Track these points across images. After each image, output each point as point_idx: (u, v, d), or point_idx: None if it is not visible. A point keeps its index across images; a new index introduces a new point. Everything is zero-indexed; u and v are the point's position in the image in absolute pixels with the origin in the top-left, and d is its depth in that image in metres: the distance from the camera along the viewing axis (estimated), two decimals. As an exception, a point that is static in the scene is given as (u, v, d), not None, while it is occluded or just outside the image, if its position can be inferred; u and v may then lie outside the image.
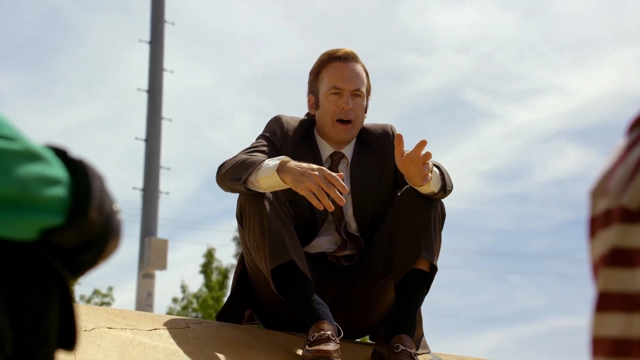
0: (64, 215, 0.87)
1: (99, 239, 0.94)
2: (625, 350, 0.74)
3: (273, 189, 2.54)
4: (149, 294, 11.29)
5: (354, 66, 2.84)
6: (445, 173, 2.64)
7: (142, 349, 2.38)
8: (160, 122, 11.79)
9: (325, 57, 2.87)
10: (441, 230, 2.71)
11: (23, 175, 0.82)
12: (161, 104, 11.84)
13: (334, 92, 2.81)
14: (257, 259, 2.64)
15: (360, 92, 2.83)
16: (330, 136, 2.86)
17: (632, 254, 0.73)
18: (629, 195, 0.75)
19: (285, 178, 2.45)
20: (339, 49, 2.87)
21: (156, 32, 12.00)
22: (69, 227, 0.88)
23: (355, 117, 2.82)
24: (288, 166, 2.47)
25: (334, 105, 2.81)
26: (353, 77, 2.82)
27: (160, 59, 11.94)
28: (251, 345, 2.58)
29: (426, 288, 2.68)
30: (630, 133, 0.80)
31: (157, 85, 11.86)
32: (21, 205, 0.83)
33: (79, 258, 0.94)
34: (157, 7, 12.06)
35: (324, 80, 2.84)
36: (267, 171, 2.50)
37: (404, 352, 2.53)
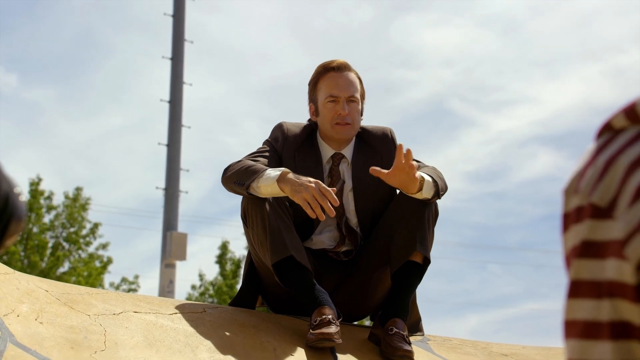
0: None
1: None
2: (595, 332, 0.73)
3: (272, 195, 2.55)
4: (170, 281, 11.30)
5: (347, 75, 2.83)
6: (438, 180, 2.62)
7: (164, 331, 2.38)
8: (180, 129, 11.81)
9: (321, 69, 2.86)
10: (434, 226, 2.71)
11: None
12: (181, 113, 11.86)
13: (331, 100, 2.81)
14: (261, 254, 2.64)
15: (355, 97, 2.82)
16: (332, 137, 2.85)
17: (600, 246, 0.73)
18: (598, 194, 0.74)
19: (284, 188, 2.46)
20: (333, 60, 2.86)
21: (177, 49, 12.03)
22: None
23: (352, 120, 2.82)
24: (287, 177, 2.47)
25: (331, 112, 2.80)
26: (347, 85, 2.81)
27: (181, 73, 11.96)
28: (260, 327, 2.58)
29: (419, 278, 2.68)
30: (598, 138, 0.79)
31: (177, 97, 11.88)
32: None
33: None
34: (177, 27, 12.08)
35: (321, 89, 2.84)
36: (268, 180, 2.50)
37: (397, 334, 2.53)
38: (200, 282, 17.03)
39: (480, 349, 2.92)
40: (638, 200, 0.71)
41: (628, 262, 0.71)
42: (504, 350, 2.96)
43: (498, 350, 2.95)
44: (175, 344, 2.33)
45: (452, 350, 2.84)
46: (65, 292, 2.48)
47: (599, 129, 0.79)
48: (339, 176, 2.84)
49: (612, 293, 0.72)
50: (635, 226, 0.71)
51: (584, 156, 0.79)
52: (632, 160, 0.73)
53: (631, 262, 0.71)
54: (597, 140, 0.79)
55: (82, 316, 2.32)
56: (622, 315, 0.72)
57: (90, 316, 2.33)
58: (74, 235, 15.47)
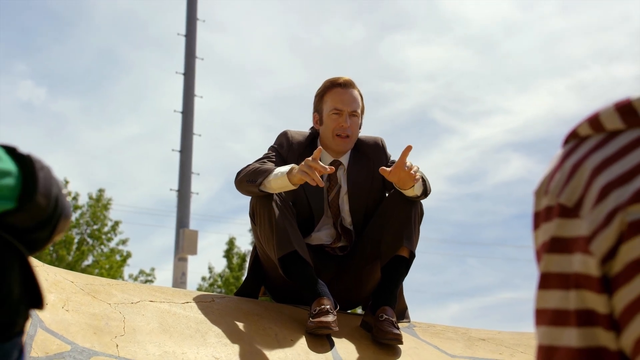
0: (15, 201, 0.86)
1: (50, 219, 0.92)
2: (563, 319, 0.73)
3: (281, 189, 2.54)
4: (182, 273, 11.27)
5: (352, 92, 2.83)
6: (426, 181, 2.64)
7: (177, 318, 2.38)
8: (191, 137, 11.79)
9: (329, 84, 2.86)
10: (419, 224, 2.71)
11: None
12: (192, 122, 11.84)
13: (335, 112, 2.80)
14: (267, 249, 2.64)
15: (357, 113, 2.82)
16: (331, 147, 2.85)
17: (568, 242, 0.73)
18: (565, 195, 0.74)
19: (292, 178, 2.46)
20: (340, 77, 2.85)
21: (189, 65, 12.01)
22: (20, 211, 0.86)
23: (352, 132, 2.82)
24: (294, 171, 2.47)
25: (334, 122, 2.80)
26: (351, 101, 2.81)
27: (192, 87, 11.95)
28: (263, 315, 2.58)
29: (406, 271, 2.68)
30: (565, 145, 0.79)
31: (189, 108, 11.86)
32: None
33: (34, 236, 0.92)
34: (189, 46, 12.07)
35: (327, 102, 2.83)
36: (277, 175, 2.51)
37: (386, 320, 2.53)
38: (209, 274, 16.98)
39: (460, 334, 2.92)
40: (601, 202, 0.71)
41: (593, 257, 0.71)
42: (482, 335, 2.96)
43: (477, 335, 2.95)
44: (187, 329, 2.33)
45: (436, 335, 2.84)
46: (88, 283, 2.47)
47: (566, 136, 0.79)
48: (336, 181, 2.84)
49: (578, 284, 0.72)
50: (599, 225, 0.71)
51: (552, 161, 0.79)
52: (596, 165, 0.73)
53: (596, 257, 0.71)
54: (564, 147, 0.79)
55: (103, 305, 2.31)
56: (587, 304, 0.72)
57: (111, 305, 2.33)
58: (97, 232, 15.47)
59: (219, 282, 16.69)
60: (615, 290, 0.70)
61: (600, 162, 0.73)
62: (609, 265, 0.70)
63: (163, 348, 2.17)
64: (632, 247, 0.68)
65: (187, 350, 2.20)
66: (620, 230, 0.69)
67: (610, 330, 0.71)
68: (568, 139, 0.79)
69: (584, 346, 0.71)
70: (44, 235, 0.93)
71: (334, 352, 2.43)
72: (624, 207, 0.69)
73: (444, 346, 2.73)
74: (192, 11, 12.16)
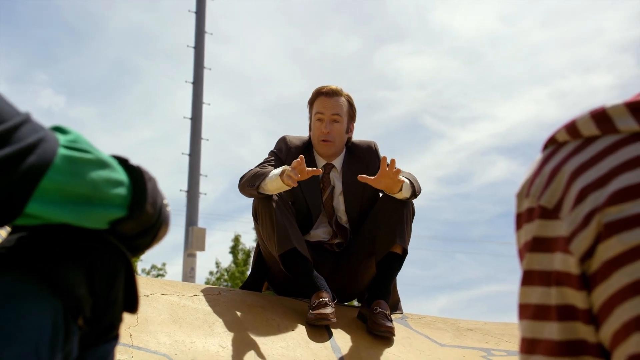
0: (126, 209, 0.85)
1: (153, 227, 0.91)
2: (544, 314, 0.73)
3: (277, 190, 2.54)
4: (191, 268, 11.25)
5: (335, 99, 2.82)
6: (414, 183, 2.63)
7: (186, 310, 2.37)
8: (200, 142, 11.78)
9: (315, 93, 2.87)
10: (411, 223, 2.71)
11: (94, 178, 0.80)
12: (201, 128, 11.83)
13: (318, 119, 2.81)
14: (269, 246, 2.63)
15: (338, 117, 2.80)
16: (318, 151, 2.86)
17: (549, 241, 0.73)
18: (545, 198, 0.74)
19: (284, 179, 2.45)
20: (326, 85, 2.86)
21: (197, 75, 12.00)
22: (130, 218, 0.86)
23: (334, 137, 2.81)
24: (285, 173, 2.46)
25: (318, 129, 2.81)
26: (332, 106, 2.80)
27: (200, 95, 11.93)
28: (267, 307, 2.57)
29: (399, 266, 2.68)
30: (544, 150, 0.79)
31: (197, 114, 11.85)
32: (93, 201, 0.81)
33: (138, 241, 0.92)
34: (198, 57, 12.06)
35: (313, 110, 2.85)
36: (272, 177, 2.51)
37: (380, 312, 2.52)
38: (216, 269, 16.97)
39: (449, 324, 2.91)
40: (579, 204, 0.71)
41: (572, 256, 0.70)
42: (469, 325, 2.95)
43: (464, 325, 2.94)
44: (195, 320, 2.32)
45: (427, 326, 2.83)
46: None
47: (545, 142, 0.79)
48: (329, 182, 2.84)
49: (559, 281, 0.72)
50: (577, 226, 0.70)
51: (532, 165, 0.79)
52: (574, 170, 0.73)
53: (575, 256, 0.70)
54: (543, 152, 0.79)
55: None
56: (567, 300, 0.71)
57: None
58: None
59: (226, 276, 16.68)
60: (593, 287, 0.70)
61: (577, 166, 0.73)
62: (587, 263, 0.70)
63: (173, 337, 2.17)
64: (609, 247, 0.68)
65: (195, 340, 2.20)
66: (597, 230, 0.69)
67: (589, 324, 0.70)
68: (547, 144, 0.79)
69: (564, 339, 0.71)
70: (146, 242, 0.93)
71: (332, 342, 2.43)
72: (600, 209, 0.69)
73: (434, 336, 2.73)
74: (200, 25, 12.16)
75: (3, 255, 0.83)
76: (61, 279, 0.82)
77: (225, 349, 2.20)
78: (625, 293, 0.67)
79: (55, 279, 0.82)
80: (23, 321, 0.77)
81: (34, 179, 0.73)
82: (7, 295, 0.78)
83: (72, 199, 0.78)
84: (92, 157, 0.80)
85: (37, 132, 0.74)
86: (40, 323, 0.79)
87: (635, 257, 0.66)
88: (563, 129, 0.77)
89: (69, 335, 0.83)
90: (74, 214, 0.79)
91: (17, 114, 0.74)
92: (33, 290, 0.80)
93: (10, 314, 0.77)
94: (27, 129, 0.73)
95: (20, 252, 0.83)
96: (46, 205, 0.76)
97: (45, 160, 0.74)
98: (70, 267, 0.84)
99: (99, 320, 0.89)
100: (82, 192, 0.79)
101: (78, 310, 0.84)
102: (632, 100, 0.73)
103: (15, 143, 0.71)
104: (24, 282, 0.80)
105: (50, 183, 0.75)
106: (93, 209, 0.81)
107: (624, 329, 0.67)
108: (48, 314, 0.80)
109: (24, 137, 0.72)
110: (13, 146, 0.71)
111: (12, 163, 0.71)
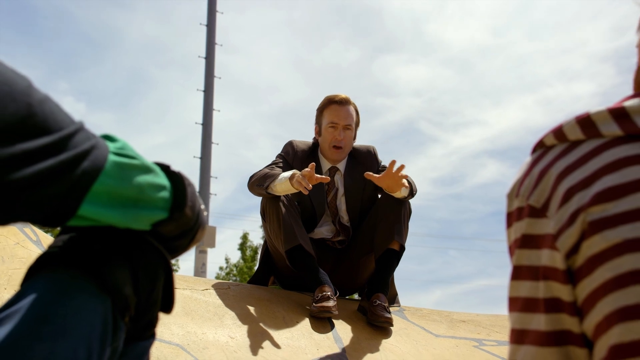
0: (167, 212, 0.85)
1: (191, 229, 0.91)
2: (533, 306, 0.73)
3: (285, 192, 2.54)
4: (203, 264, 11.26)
5: (347, 108, 2.82)
6: (412, 183, 2.64)
7: (197, 303, 2.37)
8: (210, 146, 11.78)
9: (327, 100, 2.86)
10: (408, 221, 2.71)
11: (141, 182, 0.80)
12: (211, 133, 11.83)
13: (331, 126, 2.81)
14: (276, 243, 2.63)
15: (350, 126, 2.82)
16: (327, 156, 2.85)
17: (537, 239, 0.73)
18: (534, 198, 0.74)
19: (293, 183, 2.45)
20: (338, 94, 2.85)
21: (208, 83, 12.01)
22: (171, 220, 0.86)
23: (345, 144, 2.82)
24: (294, 177, 2.47)
25: (330, 135, 2.80)
26: (345, 116, 2.81)
27: (211, 102, 11.94)
28: (273, 301, 2.57)
29: (397, 262, 2.68)
30: (533, 153, 0.79)
31: (208, 120, 11.85)
32: (139, 204, 0.81)
33: (177, 243, 0.92)
34: (209, 66, 12.07)
35: (325, 117, 2.83)
36: (282, 180, 2.51)
37: (379, 305, 2.52)
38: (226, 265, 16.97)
39: (443, 316, 2.91)
40: (565, 204, 0.71)
41: (559, 252, 0.70)
42: (462, 317, 2.95)
43: (458, 317, 2.94)
44: (206, 313, 2.32)
45: (422, 317, 2.83)
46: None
47: (534, 145, 0.79)
48: (333, 184, 2.84)
49: (546, 276, 0.72)
50: (563, 224, 0.70)
51: (522, 167, 0.79)
52: (560, 171, 0.73)
53: (561, 252, 0.70)
54: (532, 155, 0.79)
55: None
56: (554, 293, 0.71)
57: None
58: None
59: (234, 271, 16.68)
60: (578, 281, 0.70)
61: (564, 168, 0.73)
62: (572, 259, 0.70)
63: (186, 329, 2.17)
64: (593, 244, 0.68)
65: (206, 331, 2.20)
66: (582, 228, 0.69)
67: (574, 316, 0.70)
68: (535, 148, 0.79)
69: (551, 329, 0.71)
70: (184, 243, 0.93)
71: (334, 333, 2.43)
72: (585, 209, 0.69)
73: (429, 327, 2.73)
74: (211, 37, 12.17)
75: (56, 254, 0.84)
76: (110, 277, 0.82)
77: (234, 339, 2.20)
78: (607, 287, 0.67)
79: (104, 278, 0.82)
80: (76, 317, 0.77)
81: (87, 183, 0.74)
82: (62, 292, 0.79)
83: (120, 201, 0.79)
84: (138, 163, 0.81)
85: (90, 139, 0.75)
86: (91, 319, 0.79)
87: (618, 254, 0.66)
88: (550, 133, 0.77)
89: (116, 331, 0.83)
90: (122, 216, 0.80)
91: (73, 123, 0.74)
92: (85, 288, 0.80)
93: (64, 309, 0.77)
94: (81, 137, 0.74)
95: (72, 252, 0.84)
96: (97, 207, 0.76)
97: (97, 165, 0.75)
98: (118, 266, 0.84)
99: (140, 318, 0.88)
100: (130, 195, 0.80)
101: (125, 308, 0.84)
102: (614, 106, 0.73)
103: (70, 149, 0.72)
104: (77, 280, 0.81)
105: (102, 187, 0.76)
106: (139, 211, 0.82)
107: (606, 321, 0.66)
108: (99, 311, 0.80)
109: (78, 144, 0.73)
110: (69, 152, 0.72)
111: (68, 168, 0.72)
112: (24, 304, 0.76)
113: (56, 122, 0.72)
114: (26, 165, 0.68)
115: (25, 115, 0.68)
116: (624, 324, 0.65)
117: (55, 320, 0.76)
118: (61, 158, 0.71)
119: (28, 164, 0.68)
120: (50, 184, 0.70)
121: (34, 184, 0.69)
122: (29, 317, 0.75)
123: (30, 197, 0.69)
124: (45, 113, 0.71)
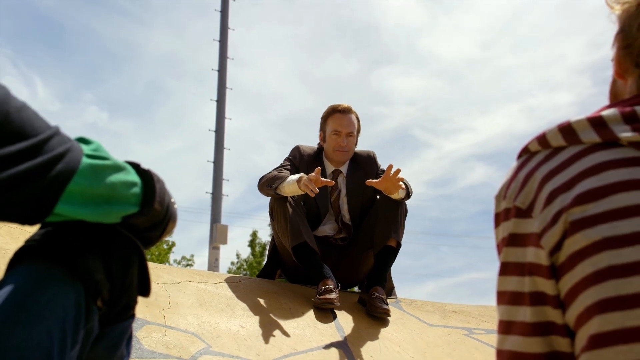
0: (138, 206, 0.86)
1: (161, 222, 0.92)
2: (519, 299, 0.73)
3: (292, 193, 2.54)
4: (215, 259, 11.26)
5: (349, 116, 2.82)
6: (408, 186, 2.64)
7: (211, 295, 2.38)
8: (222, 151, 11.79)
9: (331, 109, 2.85)
10: (404, 220, 2.71)
11: (113, 181, 0.81)
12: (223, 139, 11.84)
13: (335, 133, 2.80)
14: (283, 240, 2.63)
15: (352, 133, 2.82)
16: (332, 159, 2.85)
17: (522, 237, 0.73)
18: (520, 199, 0.74)
19: (300, 186, 2.45)
20: (341, 104, 2.85)
21: (221, 94, 12.02)
22: (141, 214, 0.87)
23: (348, 149, 2.82)
24: (301, 181, 2.47)
25: (334, 142, 2.80)
26: (348, 124, 2.81)
27: (223, 111, 11.95)
28: (280, 293, 2.57)
29: (394, 257, 2.67)
30: (519, 158, 0.79)
31: (220, 127, 11.86)
32: (111, 200, 0.82)
33: (149, 234, 0.92)
34: (221, 78, 12.08)
35: (329, 124, 2.83)
36: (290, 182, 2.51)
37: (378, 297, 2.52)
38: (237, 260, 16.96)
39: (436, 307, 2.90)
40: (549, 205, 0.71)
41: (543, 250, 0.70)
42: (454, 308, 2.94)
43: (449, 308, 2.93)
44: (219, 304, 2.32)
45: (417, 309, 2.83)
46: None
47: (520, 151, 0.79)
48: (336, 186, 2.84)
49: (531, 272, 0.72)
50: (547, 224, 0.70)
51: (508, 171, 0.79)
52: (544, 175, 0.73)
53: (545, 250, 0.70)
54: (518, 160, 0.79)
55: (153, 284, 2.31)
56: (538, 288, 0.71)
57: (159, 284, 2.32)
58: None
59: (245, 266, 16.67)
60: (560, 276, 0.70)
61: (547, 172, 0.73)
62: (555, 256, 0.70)
63: (200, 319, 2.17)
64: (574, 242, 0.68)
65: (219, 321, 2.20)
66: (564, 228, 0.69)
67: (557, 308, 0.70)
68: (521, 153, 0.79)
69: (535, 321, 0.71)
70: (156, 235, 0.93)
71: (336, 323, 2.42)
72: (567, 209, 0.69)
73: (424, 317, 2.72)
74: (223, 51, 12.19)
75: (33, 247, 0.85)
76: (82, 266, 0.84)
77: (244, 328, 2.20)
78: (588, 281, 0.67)
79: (77, 267, 0.83)
80: (51, 302, 0.79)
81: (62, 183, 0.74)
82: (38, 280, 0.80)
83: (93, 199, 0.79)
84: (110, 163, 0.82)
85: (65, 143, 0.76)
86: (65, 304, 0.80)
87: (597, 250, 0.66)
88: (535, 140, 0.77)
89: (89, 314, 0.84)
90: (94, 213, 0.80)
91: (49, 128, 0.75)
92: (59, 277, 0.82)
93: (41, 296, 0.79)
94: (57, 141, 0.74)
95: (47, 244, 0.85)
96: (72, 206, 0.77)
97: (71, 167, 0.75)
98: (90, 256, 0.85)
99: (117, 302, 0.89)
100: (102, 193, 0.80)
101: (97, 292, 0.85)
102: (593, 115, 0.73)
103: (46, 153, 0.72)
104: (52, 270, 0.82)
105: (76, 187, 0.76)
106: (111, 207, 0.82)
107: (586, 312, 0.66)
108: (72, 296, 0.81)
109: (53, 148, 0.74)
110: (44, 156, 0.72)
111: (44, 170, 0.72)
112: (2, 293, 0.78)
113: (32, 128, 0.72)
114: (3, 168, 0.68)
115: (2, 121, 0.69)
116: (603, 315, 0.65)
117: (32, 306, 0.77)
118: (37, 161, 0.71)
119: (5, 168, 0.69)
120: (27, 186, 0.71)
121: (11, 186, 0.69)
122: (8, 305, 0.76)
123: (8, 198, 0.70)
124: (22, 119, 0.71)
